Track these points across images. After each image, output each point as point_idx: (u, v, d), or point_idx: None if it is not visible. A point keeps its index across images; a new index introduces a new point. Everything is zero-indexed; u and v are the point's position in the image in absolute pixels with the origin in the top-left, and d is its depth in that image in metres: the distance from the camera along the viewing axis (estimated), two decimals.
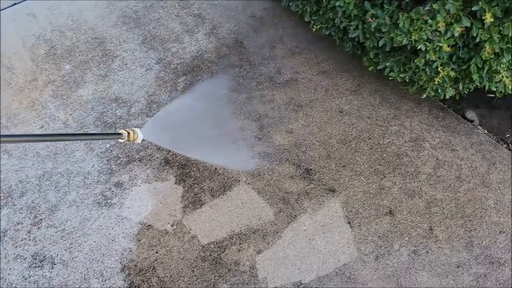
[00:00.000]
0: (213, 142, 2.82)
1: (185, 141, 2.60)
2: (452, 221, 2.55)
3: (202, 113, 2.80)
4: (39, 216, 2.62)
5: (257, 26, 3.60)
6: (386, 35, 2.61)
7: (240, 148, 2.84)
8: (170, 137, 2.43)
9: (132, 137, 1.90)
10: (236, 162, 2.78)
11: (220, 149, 2.83)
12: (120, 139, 1.91)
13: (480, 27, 2.29)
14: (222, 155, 2.81)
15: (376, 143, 2.88)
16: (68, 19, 3.65)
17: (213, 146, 2.80)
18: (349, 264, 2.43)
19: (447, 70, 2.53)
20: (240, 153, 2.83)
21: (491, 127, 2.99)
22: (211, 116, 2.93)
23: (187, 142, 2.63)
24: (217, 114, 2.97)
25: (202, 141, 2.71)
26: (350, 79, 3.23)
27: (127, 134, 1.89)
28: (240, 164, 2.77)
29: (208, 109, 2.92)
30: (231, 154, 2.84)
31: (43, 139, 2.62)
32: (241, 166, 2.76)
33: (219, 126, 2.93)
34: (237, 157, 2.81)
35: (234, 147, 2.85)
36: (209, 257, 2.46)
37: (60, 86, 3.20)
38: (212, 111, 2.97)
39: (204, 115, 2.82)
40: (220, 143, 2.85)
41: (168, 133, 2.42)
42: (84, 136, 2.82)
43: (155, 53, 3.41)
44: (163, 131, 2.37)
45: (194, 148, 2.70)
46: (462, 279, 2.37)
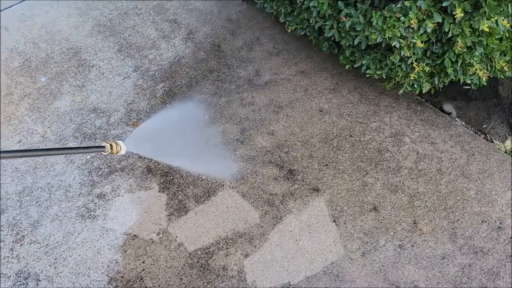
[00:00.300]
0: (195, 148, 2.81)
1: (167, 149, 2.60)
2: (435, 213, 2.59)
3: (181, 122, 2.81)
4: (21, 233, 2.57)
5: (233, 29, 3.60)
6: (361, 34, 2.63)
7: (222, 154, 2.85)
8: (152, 146, 2.42)
9: (115, 149, 1.89)
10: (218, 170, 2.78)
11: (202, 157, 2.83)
12: (103, 151, 1.89)
13: (452, 22, 2.33)
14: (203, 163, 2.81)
15: (357, 140, 2.90)
16: (41, 30, 3.59)
17: (195, 152, 2.79)
18: (336, 262, 2.44)
19: (422, 66, 2.57)
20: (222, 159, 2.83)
21: (468, 119, 3.05)
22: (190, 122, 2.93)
23: (170, 149, 2.62)
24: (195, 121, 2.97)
25: (184, 148, 2.71)
26: (329, 77, 3.25)
27: (110, 147, 1.87)
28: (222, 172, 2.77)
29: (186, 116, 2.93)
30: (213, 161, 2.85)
31: (22, 155, 2.57)
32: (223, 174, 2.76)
33: (198, 133, 2.93)
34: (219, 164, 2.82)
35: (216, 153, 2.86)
36: (196, 264, 2.45)
37: (37, 99, 3.15)
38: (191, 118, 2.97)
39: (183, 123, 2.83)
40: (201, 150, 2.85)
41: (150, 143, 2.40)
42: (66, 151, 2.78)
43: (132, 61, 3.38)
44: (145, 142, 2.36)
45: (176, 156, 2.70)
46: (447, 270, 2.40)
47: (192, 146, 2.79)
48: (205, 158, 2.83)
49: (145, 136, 2.48)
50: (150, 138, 2.47)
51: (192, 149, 2.78)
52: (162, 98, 3.14)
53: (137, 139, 2.37)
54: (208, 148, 2.86)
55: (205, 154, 2.84)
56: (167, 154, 2.65)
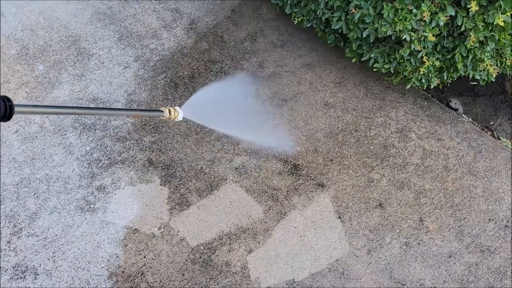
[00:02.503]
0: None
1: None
2: (442, 211, 2.55)
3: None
4: (18, 225, 2.50)
5: (237, 20, 3.52)
6: (370, 26, 2.57)
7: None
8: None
9: (173, 115, 1.91)
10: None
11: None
12: (162, 116, 1.91)
13: (465, 15, 2.28)
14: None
15: (363, 136, 2.85)
16: (39, 17, 3.49)
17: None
18: (341, 259, 2.40)
19: (432, 60, 2.52)
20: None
21: (475, 115, 3.01)
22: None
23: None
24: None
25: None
26: (334, 71, 3.19)
27: (169, 112, 1.88)
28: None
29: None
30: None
31: (74, 112, 2.41)
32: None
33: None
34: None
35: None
36: (199, 259, 2.40)
37: (34, 87, 3.06)
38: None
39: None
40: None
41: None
42: (126, 112, 2.73)
43: (132, 50, 3.30)
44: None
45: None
46: (454, 269, 2.37)
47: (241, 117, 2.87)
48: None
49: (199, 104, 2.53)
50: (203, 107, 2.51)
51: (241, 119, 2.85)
52: (163, 89, 3.07)
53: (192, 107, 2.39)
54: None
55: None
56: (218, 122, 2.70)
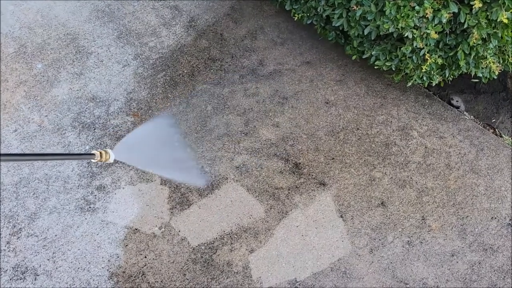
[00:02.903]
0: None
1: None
2: (444, 209, 2.54)
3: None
4: (18, 225, 2.48)
5: (236, 17, 3.50)
6: (372, 23, 2.55)
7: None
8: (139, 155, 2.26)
9: (104, 157, 1.85)
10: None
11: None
12: (93, 159, 1.84)
13: (468, 12, 2.26)
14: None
15: (364, 134, 2.83)
16: (37, 15, 3.46)
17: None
18: (344, 258, 2.39)
19: (434, 57, 2.50)
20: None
21: (477, 113, 2.99)
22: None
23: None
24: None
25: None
26: (335, 68, 3.17)
27: (99, 155, 1.84)
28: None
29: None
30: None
31: (13, 159, 2.46)
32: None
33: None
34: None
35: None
36: (200, 259, 2.38)
37: (33, 86, 3.04)
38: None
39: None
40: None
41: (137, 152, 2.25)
42: (56, 157, 2.68)
43: (131, 48, 3.27)
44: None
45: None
46: (457, 267, 2.36)
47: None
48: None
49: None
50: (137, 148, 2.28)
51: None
52: (163, 87, 3.05)
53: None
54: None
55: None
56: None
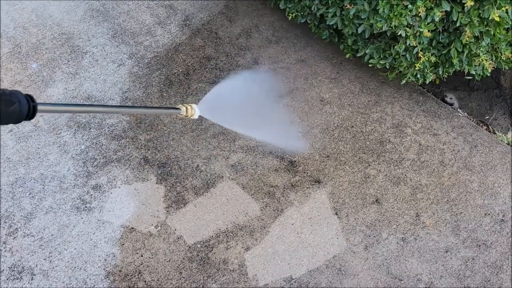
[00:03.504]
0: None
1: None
2: (438, 206, 2.56)
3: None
4: (14, 225, 2.49)
5: (231, 16, 3.50)
6: (365, 22, 2.56)
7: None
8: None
9: (189, 112, 1.88)
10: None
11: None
12: (179, 114, 1.89)
13: (460, 11, 2.27)
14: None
15: (359, 131, 2.85)
16: (31, 15, 3.45)
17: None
18: (339, 255, 2.41)
19: (428, 55, 2.51)
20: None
21: (470, 110, 3.01)
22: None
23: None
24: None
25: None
26: (329, 66, 3.18)
27: (185, 109, 1.86)
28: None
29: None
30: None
31: (87, 110, 2.32)
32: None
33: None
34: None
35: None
36: (196, 257, 2.39)
37: (28, 86, 3.03)
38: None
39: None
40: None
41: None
42: (144, 110, 2.71)
43: (126, 48, 3.28)
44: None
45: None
46: (451, 263, 2.38)
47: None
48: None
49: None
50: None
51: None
52: (158, 86, 3.05)
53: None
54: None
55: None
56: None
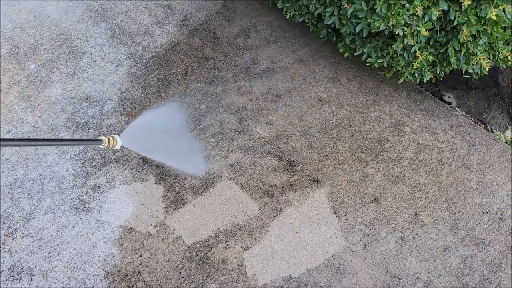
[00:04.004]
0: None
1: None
2: (437, 205, 2.57)
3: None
4: (13, 226, 2.49)
5: (229, 15, 3.51)
6: (363, 21, 2.56)
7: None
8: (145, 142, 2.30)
9: (112, 143, 1.88)
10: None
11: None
12: (100, 145, 1.87)
13: (457, 10, 2.28)
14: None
15: (357, 130, 2.86)
16: (29, 15, 3.45)
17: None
18: (337, 254, 2.41)
19: (425, 54, 2.52)
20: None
21: (468, 108, 3.02)
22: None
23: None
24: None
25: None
26: (327, 66, 3.18)
27: (107, 141, 1.86)
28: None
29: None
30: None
31: (19, 144, 2.44)
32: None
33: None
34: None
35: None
36: (195, 257, 2.40)
37: (26, 87, 3.04)
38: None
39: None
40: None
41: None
42: (63, 142, 2.71)
43: (125, 48, 3.28)
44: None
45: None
46: (449, 262, 2.39)
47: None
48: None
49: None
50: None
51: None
52: (157, 86, 3.05)
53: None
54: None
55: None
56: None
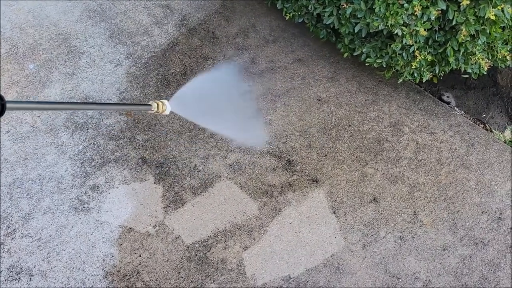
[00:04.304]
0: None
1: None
2: (436, 204, 2.57)
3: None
4: (12, 226, 2.49)
5: (228, 15, 3.51)
6: (362, 21, 2.57)
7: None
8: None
9: (161, 108, 1.89)
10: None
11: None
12: (150, 110, 1.91)
13: (456, 9, 2.28)
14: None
15: (356, 130, 2.86)
16: (28, 15, 3.45)
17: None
18: (337, 254, 2.41)
19: (424, 54, 2.52)
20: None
21: (467, 108, 3.02)
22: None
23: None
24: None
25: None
26: (326, 66, 3.19)
27: (157, 106, 1.87)
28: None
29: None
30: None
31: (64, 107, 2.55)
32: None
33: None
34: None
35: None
36: (194, 257, 2.40)
37: (25, 87, 3.03)
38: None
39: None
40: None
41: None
42: (115, 106, 2.73)
43: (124, 48, 3.27)
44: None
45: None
46: (448, 261, 2.39)
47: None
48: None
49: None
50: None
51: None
52: (156, 86, 3.05)
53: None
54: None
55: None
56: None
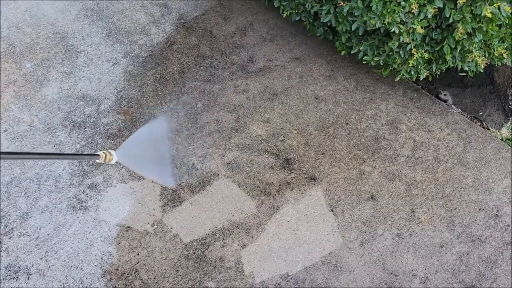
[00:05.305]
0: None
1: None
2: (433, 202, 2.58)
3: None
4: (10, 225, 2.48)
5: (225, 14, 3.51)
6: (359, 19, 2.57)
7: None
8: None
9: (108, 158, 1.90)
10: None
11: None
12: (98, 159, 1.90)
13: (453, 7, 2.29)
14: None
15: (354, 128, 2.86)
16: (25, 14, 3.44)
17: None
18: (334, 252, 2.42)
19: (421, 52, 2.52)
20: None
21: (464, 106, 3.03)
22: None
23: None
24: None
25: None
26: (324, 64, 3.19)
27: (104, 156, 1.89)
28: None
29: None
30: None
31: (14, 157, 2.49)
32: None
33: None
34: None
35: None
36: (192, 255, 2.40)
37: (22, 86, 3.03)
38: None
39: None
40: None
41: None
42: (60, 156, 2.72)
43: (121, 47, 3.27)
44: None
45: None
46: (446, 258, 2.40)
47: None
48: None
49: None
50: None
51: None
52: (153, 85, 3.05)
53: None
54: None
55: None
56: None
